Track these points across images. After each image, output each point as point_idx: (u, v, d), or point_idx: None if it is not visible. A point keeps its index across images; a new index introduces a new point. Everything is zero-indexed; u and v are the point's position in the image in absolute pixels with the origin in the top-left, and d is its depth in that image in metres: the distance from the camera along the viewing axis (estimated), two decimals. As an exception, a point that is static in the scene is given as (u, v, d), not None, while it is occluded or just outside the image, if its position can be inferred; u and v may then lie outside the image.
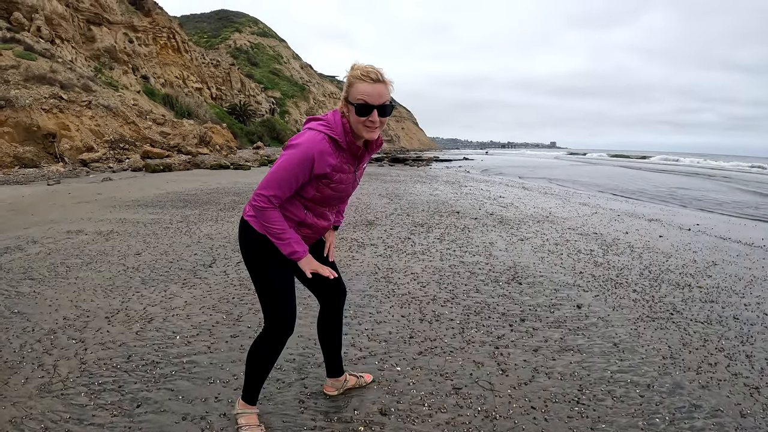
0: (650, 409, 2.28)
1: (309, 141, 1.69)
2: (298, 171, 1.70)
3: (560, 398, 2.36)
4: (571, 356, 2.82)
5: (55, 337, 2.91)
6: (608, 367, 2.70)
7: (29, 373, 2.46)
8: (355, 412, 2.21)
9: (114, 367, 2.53)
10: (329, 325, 2.25)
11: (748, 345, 3.13)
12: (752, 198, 16.09)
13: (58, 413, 2.12)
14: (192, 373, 2.48)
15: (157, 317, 3.26)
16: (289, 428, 2.07)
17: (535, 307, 3.65)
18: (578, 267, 4.92)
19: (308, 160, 1.68)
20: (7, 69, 19.79)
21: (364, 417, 2.17)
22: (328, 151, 1.72)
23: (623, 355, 2.87)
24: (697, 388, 2.53)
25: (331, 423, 2.12)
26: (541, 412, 2.25)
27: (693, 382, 2.58)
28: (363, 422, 2.13)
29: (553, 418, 2.19)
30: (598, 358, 2.81)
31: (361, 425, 2.10)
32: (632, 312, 3.65)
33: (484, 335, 3.12)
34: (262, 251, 1.84)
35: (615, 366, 2.72)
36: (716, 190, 18.73)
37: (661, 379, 2.60)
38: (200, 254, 5.07)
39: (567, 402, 2.33)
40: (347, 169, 1.81)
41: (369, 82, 1.67)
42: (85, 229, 6.24)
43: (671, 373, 2.68)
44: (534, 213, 8.74)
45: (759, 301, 4.08)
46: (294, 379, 2.47)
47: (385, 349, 2.87)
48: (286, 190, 1.74)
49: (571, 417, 2.20)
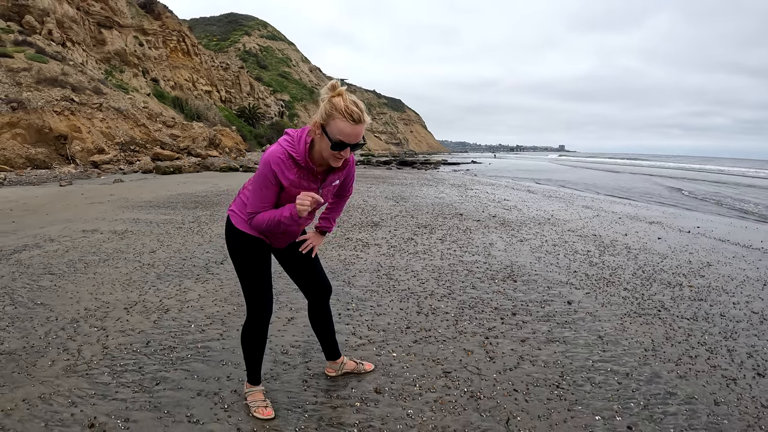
0: (626, 395, 2.44)
1: (269, 155, 1.78)
2: (266, 184, 1.80)
3: (542, 383, 2.54)
4: (556, 346, 3.00)
5: (77, 325, 3.14)
6: (590, 357, 2.87)
7: (55, 356, 2.68)
8: (353, 390, 2.43)
9: (134, 351, 2.77)
10: (317, 316, 2.43)
11: (731, 340, 3.27)
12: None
13: (83, 390, 2.34)
14: (206, 357, 2.73)
15: (173, 308, 3.50)
16: (294, 403, 2.29)
17: (526, 303, 3.84)
18: (573, 266, 5.08)
19: (270, 172, 1.77)
20: (20, 71, 20.21)
21: (361, 394, 2.39)
22: (287, 165, 1.78)
23: (606, 347, 3.03)
24: (674, 377, 2.67)
25: (330, 399, 2.34)
26: (523, 394, 2.43)
27: (671, 373, 2.73)
28: (359, 398, 2.35)
29: (533, 399, 2.38)
30: (582, 349, 2.98)
31: (357, 401, 2.33)
32: (620, 308, 3.80)
33: (476, 327, 3.31)
34: (240, 244, 2.01)
35: (597, 356, 2.89)
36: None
37: (640, 369, 2.75)
38: (212, 252, 5.30)
39: (548, 386, 2.51)
40: (306, 186, 1.85)
41: (350, 123, 1.68)
42: (100, 228, 6.49)
43: (651, 363, 2.83)
44: (536, 215, 8.89)
45: (748, 300, 4.21)
46: (299, 362, 2.71)
47: (383, 338, 3.09)
48: (267, 203, 1.85)
49: (550, 399, 2.38)
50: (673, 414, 2.30)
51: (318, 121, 1.71)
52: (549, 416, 2.23)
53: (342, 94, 1.71)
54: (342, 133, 1.67)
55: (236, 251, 2.04)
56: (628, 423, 2.20)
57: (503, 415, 2.24)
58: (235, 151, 31.16)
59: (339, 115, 1.66)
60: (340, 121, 1.66)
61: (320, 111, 1.72)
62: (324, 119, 1.69)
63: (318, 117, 1.71)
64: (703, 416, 2.30)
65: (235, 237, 2.02)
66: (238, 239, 2.01)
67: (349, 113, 1.66)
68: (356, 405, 2.29)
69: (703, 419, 2.27)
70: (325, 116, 1.69)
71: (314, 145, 1.78)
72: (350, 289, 4.10)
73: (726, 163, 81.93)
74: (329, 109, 1.68)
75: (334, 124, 1.67)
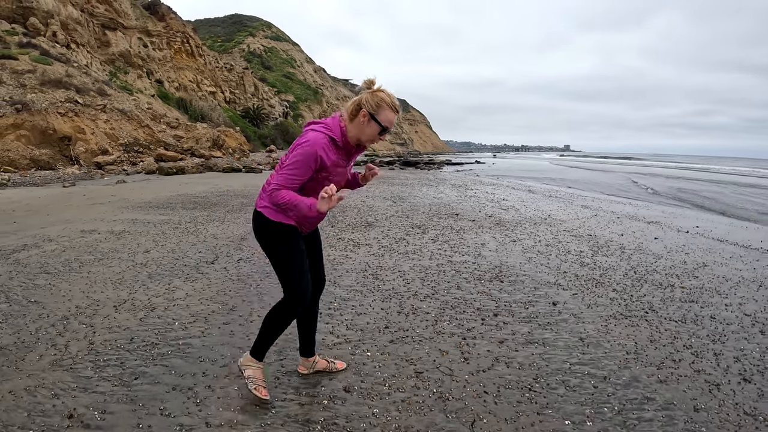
0: (601, 399, 2.38)
1: (315, 139, 2.03)
2: (308, 164, 2.02)
3: (514, 385, 2.50)
4: (534, 348, 2.96)
5: (67, 322, 3.25)
6: (568, 360, 2.82)
7: (43, 351, 2.79)
8: (323, 388, 2.45)
9: (118, 347, 2.86)
10: (307, 310, 2.47)
11: (719, 344, 3.18)
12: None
13: (66, 383, 2.44)
14: (185, 353, 2.80)
15: (159, 306, 3.58)
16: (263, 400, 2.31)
17: (510, 303, 3.79)
18: (564, 267, 5.02)
19: (315, 154, 2.01)
20: (24, 73, 20.37)
21: (330, 393, 2.41)
22: (330, 147, 2.08)
23: (586, 349, 2.97)
24: (654, 382, 2.60)
25: (299, 396, 2.37)
26: (493, 396, 2.40)
27: (651, 377, 2.66)
28: (327, 397, 2.37)
29: (502, 402, 2.34)
30: (561, 351, 2.93)
31: (325, 399, 2.35)
32: (606, 310, 3.74)
33: (455, 327, 3.28)
34: (278, 235, 2.16)
35: (575, 359, 2.83)
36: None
37: (619, 372, 2.69)
38: (204, 252, 5.33)
39: (519, 389, 2.46)
40: (341, 164, 2.17)
41: (394, 113, 2.10)
42: (99, 229, 6.56)
43: (631, 367, 2.76)
44: (533, 215, 8.83)
45: (741, 302, 4.11)
46: (273, 360, 2.74)
47: (360, 337, 3.08)
48: (297, 182, 2.04)
49: (520, 402, 2.33)
50: (649, 420, 2.24)
51: (367, 111, 2.05)
52: (516, 419, 2.19)
53: (383, 89, 2.10)
54: (387, 120, 2.08)
55: (276, 242, 2.17)
56: (599, 428, 2.14)
57: (469, 417, 2.21)
58: (239, 151, 31.25)
59: (387, 106, 2.06)
60: (388, 111, 2.07)
61: (367, 102, 2.07)
62: (373, 109, 2.05)
63: (369, 107, 2.05)
64: (680, 423, 2.23)
65: (273, 229, 2.16)
66: (277, 230, 2.16)
67: (394, 106, 2.09)
68: (324, 403, 2.32)
69: (680, 426, 2.20)
70: (374, 107, 2.05)
71: (349, 130, 2.12)
72: (334, 289, 4.09)
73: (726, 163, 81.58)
74: (378, 101, 2.06)
75: (383, 113, 2.06)
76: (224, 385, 2.44)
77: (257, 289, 4.08)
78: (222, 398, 2.32)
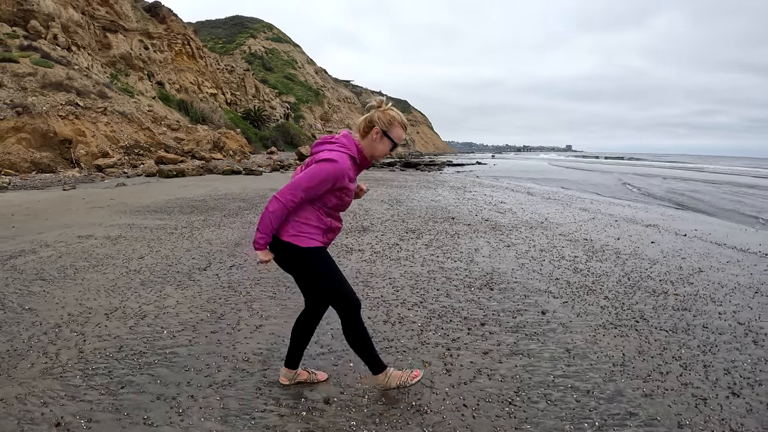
0: (582, 414, 2.35)
1: (342, 159, 2.14)
2: (328, 182, 2.12)
3: (494, 398, 2.47)
4: (518, 360, 2.92)
5: (59, 330, 3.29)
6: (552, 372, 2.78)
7: (35, 359, 2.84)
8: (303, 399, 2.46)
9: (107, 356, 2.89)
10: (306, 324, 2.54)
11: (710, 355, 3.11)
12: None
13: (55, 391, 2.49)
14: (172, 362, 2.82)
15: (150, 314, 3.61)
16: (243, 410, 2.35)
17: (498, 312, 3.76)
18: (556, 273, 4.98)
19: (339, 173, 2.12)
20: (25, 76, 20.43)
21: (310, 404, 2.42)
22: (350, 166, 2.21)
23: (572, 361, 2.93)
24: (639, 396, 2.54)
25: (279, 407, 2.38)
26: (472, 409, 2.37)
27: (636, 390, 2.60)
28: (307, 408, 2.38)
29: (480, 416, 2.31)
30: (546, 363, 2.89)
31: (305, 410, 2.36)
32: (596, 319, 3.68)
33: (441, 337, 3.25)
34: (314, 259, 2.23)
35: (560, 371, 2.79)
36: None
37: (603, 386, 2.64)
38: (198, 258, 5.33)
39: (499, 402, 2.44)
40: (354, 179, 2.31)
41: (403, 130, 2.26)
42: (96, 234, 6.59)
43: (616, 380, 2.71)
44: (530, 219, 8.79)
45: (736, 310, 4.02)
46: (257, 370, 2.76)
47: (344, 347, 3.06)
48: (311, 195, 2.15)
49: (499, 416, 2.31)
50: (629, 436, 2.19)
51: (380, 128, 2.20)
52: (493, 435, 2.17)
53: (392, 108, 2.27)
54: (398, 137, 2.25)
55: (315, 265, 2.25)
56: (577, 444, 2.11)
57: (446, 432, 2.19)
58: (240, 153, 31.27)
59: (398, 124, 2.23)
60: (399, 128, 2.24)
61: (380, 120, 2.22)
62: (386, 126, 2.21)
63: (382, 125, 2.20)
64: (661, 439, 2.18)
65: (310, 255, 2.23)
66: (314, 255, 2.23)
67: (403, 124, 2.26)
68: (303, 414, 2.32)
69: (661, 443, 2.15)
70: (387, 124, 2.21)
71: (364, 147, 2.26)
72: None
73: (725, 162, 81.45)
74: (390, 119, 2.22)
75: (394, 130, 2.22)
76: (207, 395, 2.46)
77: (247, 296, 4.07)
78: (204, 408, 2.33)
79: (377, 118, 2.22)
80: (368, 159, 2.30)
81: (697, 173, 37.38)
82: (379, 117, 2.22)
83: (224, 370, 2.74)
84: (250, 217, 8.31)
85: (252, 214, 8.60)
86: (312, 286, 2.32)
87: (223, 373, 2.70)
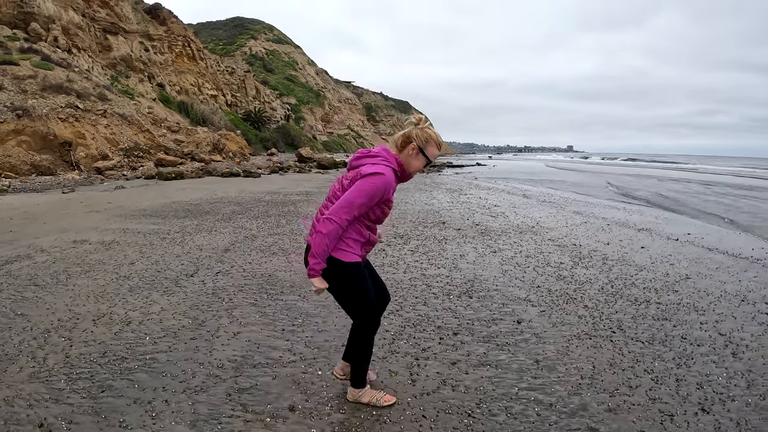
0: (541, 429, 2.34)
1: (388, 172, 2.22)
2: (377, 195, 2.20)
3: (454, 410, 2.49)
4: (485, 371, 2.92)
5: (48, 335, 3.39)
6: (518, 384, 2.77)
7: (24, 364, 2.96)
8: (268, 406, 2.53)
9: (91, 361, 3.01)
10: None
11: (684, 368, 3.04)
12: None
13: (41, 394, 2.62)
14: (151, 368, 2.93)
15: (134, 321, 3.68)
16: (212, 415, 2.44)
17: (473, 321, 3.75)
18: (539, 281, 4.96)
19: (387, 185, 2.21)
20: (25, 79, 20.55)
21: (274, 410, 2.49)
22: (395, 179, 2.30)
23: (539, 373, 2.91)
24: (602, 411, 2.50)
25: (245, 413, 2.46)
26: (430, 420, 2.39)
27: (601, 405, 2.56)
28: (271, 414, 2.45)
29: (438, 428, 2.33)
30: (512, 374, 2.88)
31: (268, 416, 2.43)
32: (572, 329, 3.65)
33: (411, 347, 3.27)
34: (355, 271, 2.31)
35: (525, 383, 2.78)
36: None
37: (567, 399, 2.61)
38: (186, 264, 5.38)
39: (459, 414, 2.45)
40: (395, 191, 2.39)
41: (437, 149, 2.34)
42: (90, 239, 6.66)
43: (582, 393, 2.68)
44: (521, 223, 8.78)
45: (718, 320, 3.94)
46: (229, 376, 2.84)
47: (315, 355, 3.12)
48: (365, 210, 2.23)
49: (456, 428, 2.32)
50: (585, 454, 2.17)
51: (417, 145, 2.29)
52: (449, 447, 2.18)
53: (430, 127, 2.35)
54: (433, 155, 2.34)
55: (356, 281, 2.33)
56: (529, 460, 2.12)
57: (402, 443, 2.21)
58: (239, 155, 31.35)
59: (434, 142, 2.31)
60: (434, 147, 2.32)
61: (418, 137, 2.30)
62: (423, 144, 2.29)
63: (419, 142, 2.29)
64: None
65: (351, 270, 2.30)
66: (355, 271, 2.31)
67: (439, 143, 2.35)
68: (266, 420, 2.39)
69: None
70: (424, 142, 2.29)
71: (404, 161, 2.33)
72: (303, 304, 4.12)
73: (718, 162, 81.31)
74: (427, 137, 2.30)
75: (430, 148, 2.31)
76: (180, 400, 2.55)
77: (229, 303, 4.11)
78: (176, 413, 2.44)
79: (415, 134, 2.32)
80: (405, 173, 2.37)
81: (696, 174, 37.25)
82: (417, 134, 2.31)
83: (199, 376, 2.82)
84: (242, 221, 8.33)
85: (244, 219, 8.63)
86: (345, 299, 2.39)
87: (197, 378, 2.79)
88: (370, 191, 2.16)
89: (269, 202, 11.34)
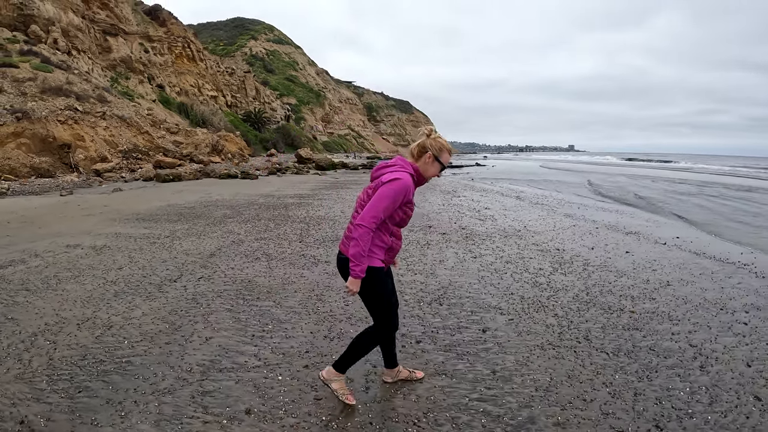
0: (484, 440, 2.39)
1: (405, 177, 2.43)
2: (398, 198, 2.40)
3: (401, 418, 2.56)
4: (440, 380, 2.96)
5: (35, 339, 3.55)
6: (470, 395, 2.79)
7: (11, 365, 3.13)
8: (227, 408, 2.66)
9: (71, 363, 3.17)
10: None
11: (645, 381, 2.97)
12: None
13: (24, 394, 2.80)
14: (125, 370, 3.08)
15: (116, 325, 3.82)
16: (175, 416, 2.58)
17: (438, 330, 3.78)
18: (513, 288, 4.94)
19: (406, 188, 2.41)
20: (25, 81, 20.67)
21: (232, 413, 2.61)
22: (413, 183, 2.49)
23: (494, 384, 2.92)
24: (551, 425, 2.48)
25: (205, 414, 2.59)
26: (376, 428, 2.47)
27: (550, 418, 2.54)
28: (228, 417, 2.58)
29: (383, 436, 2.40)
30: (466, 385, 2.92)
31: (226, 419, 2.56)
32: (537, 338, 3.61)
33: (371, 354, 3.23)
34: (380, 277, 2.50)
35: (477, 394, 2.79)
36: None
37: (516, 412, 2.61)
38: (171, 269, 5.47)
39: (405, 423, 2.52)
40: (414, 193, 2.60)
41: (449, 154, 2.57)
42: (83, 244, 6.76)
43: (533, 406, 2.66)
44: (508, 227, 8.80)
45: (692, 330, 3.86)
46: (196, 380, 2.96)
47: (279, 361, 3.22)
48: (390, 213, 2.42)
49: (400, 437, 2.39)
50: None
51: (432, 153, 2.52)
52: (388, 455, 2.24)
53: (440, 136, 2.57)
54: (446, 161, 2.57)
55: (380, 285, 2.52)
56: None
57: (345, 448, 2.28)
58: (238, 156, 31.44)
59: (446, 150, 2.55)
60: (446, 154, 2.56)
61: (432, 146, 2.53)
62: (437, 152, 2.53)
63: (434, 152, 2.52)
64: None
65: (376, 275, 2.47)
66: (379, 276, 2.49)
67: (450, 149, 2.59)
68: (223, 422, 2.52)
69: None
70: (438, 151, 2.52)
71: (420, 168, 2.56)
72: (275, 310, 4.20)
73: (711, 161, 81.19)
74: (440, 146, 2.53)
75: (443, 155, 2.54)
76: (148, 401, 2.70)
77: (206, 308, 4.19)
78: (142, 413, 2.59)
79: (429, 144, 2.55)
80: (423, 178, 2.58)
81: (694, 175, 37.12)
82: (431, 144, 2.55)
83: (168, 378, 2.96)
84: (231, 226, 8.39)
85: (234, 223, 8.68)
86: (367, 301, 2.56)
87: (166, 381, 2.92)
88: (392, 195, 2.38)
89: (262, 205, 11.40)
